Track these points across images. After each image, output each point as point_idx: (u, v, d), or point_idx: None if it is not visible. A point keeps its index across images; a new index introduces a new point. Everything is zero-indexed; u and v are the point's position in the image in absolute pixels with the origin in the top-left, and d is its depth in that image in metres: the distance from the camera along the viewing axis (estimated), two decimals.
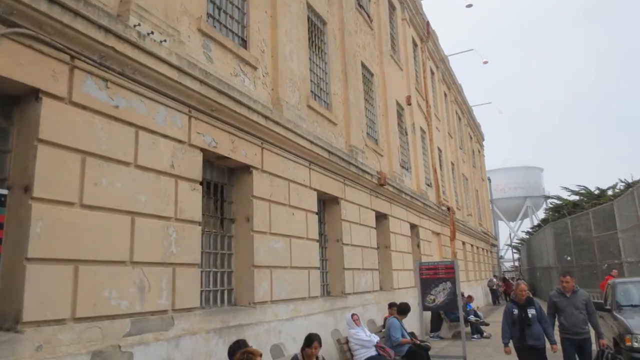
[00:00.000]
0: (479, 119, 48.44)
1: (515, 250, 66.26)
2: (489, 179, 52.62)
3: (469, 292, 22.64)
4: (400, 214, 16.46)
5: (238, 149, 7.86)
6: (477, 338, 16.42)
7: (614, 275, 16.05)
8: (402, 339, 10.49)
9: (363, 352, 9.38)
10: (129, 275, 5.49)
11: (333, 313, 10.48)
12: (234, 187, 8.33)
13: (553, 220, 33.94)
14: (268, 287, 8.21)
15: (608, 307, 10.73)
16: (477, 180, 40.58)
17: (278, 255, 8.63)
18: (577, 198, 38.28)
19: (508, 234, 76.82)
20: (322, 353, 7.30)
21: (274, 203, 8.72)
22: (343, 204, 11.80)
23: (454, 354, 13.05)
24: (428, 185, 21.98)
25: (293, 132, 9.24)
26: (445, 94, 31.71)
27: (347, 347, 9.56)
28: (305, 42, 11.31)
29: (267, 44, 9.51)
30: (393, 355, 9.86)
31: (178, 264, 6.22)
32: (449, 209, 23.72)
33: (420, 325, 13.73)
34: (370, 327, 11.51)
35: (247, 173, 8.22)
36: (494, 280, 34.49)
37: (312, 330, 7.76)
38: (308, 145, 9.82)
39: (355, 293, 11.90)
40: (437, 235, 22.14)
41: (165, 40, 6.28)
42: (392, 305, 11.91)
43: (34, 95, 4.78)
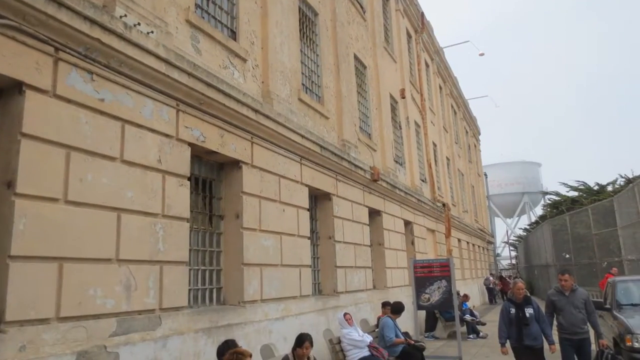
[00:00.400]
0: (475, 113, 48.59)
1: (513, 248, 66.38)
2: (486, 175, 52.86)
3: (465, 290, 22.78)
4: (394, 211, 16.53)
5: (227, 144, 7.89)
6: (473, 338, 16.46)
7: (614, 274, 16.10)
8: (395, 339, 10.51)
9: (356, 352, 9.41)
10: (115, 274, 5.52)
11: (325, 312, 10.54)
12: (223, 182, 8.36)
13: (551, 217, 34.04)
14: (258, 285, 8.25)
15: (608, 306, 10.70)
16: (473, 176, 40.75)
17: (268, 253, 8.67)
18: (576, 194, 38.28)
19: (505, 231, 76.99)
20: (313, 353, 7.34)
21: (264, 199, 8.75)
22: (335, 200, 11.85)
23: (450, 355, 13.12)
24: (423, 181, 22.07)
25: (284, 126, 9.28)
26: (441, 87, 31.80)
27: (339, 347, 9.59)
28: (297, 33, 11.34)
29: (257, 36, 9.54)
30: (386, 356, 9.90)
31: (165, 262, 6.25)
32: (444, 205, 23.81)
33: (415, 325, 13.79)
34: (363, 326, 11.58)
35: (236, 168, 8.26)
36: (491, 279, 34.67)
37: (303, 330, 7.81)
38: (299, 140, 9.86)
39: (348, 292, 11.96)
40: (432, 232, 22.24)
41: (153, 32, 6.30)
42: (385, 304, 11.93)
43: (18, 89, 4.80)
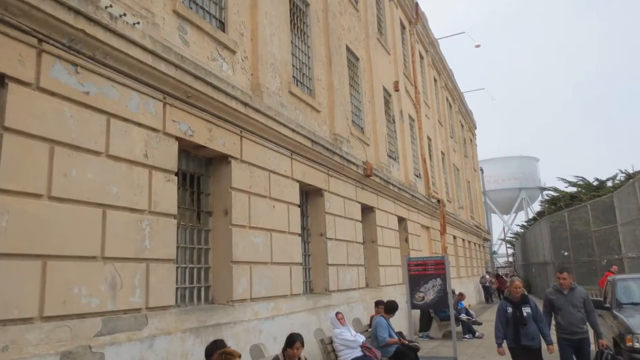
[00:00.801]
0: (471, 106, 48.72)
1: (509, 245, 66.70)
2: (482, 170, 53.01)
3: (461, 289, 22.86)
4: (388, 207, 16.61)
5: (216, 138, 7.92)
6: (468, 338, 16.51)
7: (614, 272, 16.24)
8: (389, 339, 10.56)
9: (348, 352, 9.46)
10: (100, 272, 5.55)
11: (316, 311, 10.59)
12: (212, 178, 8.40)
13: (549, 213, 34.14)
14: (247, 284, 8.29)
15: (607, 305, 10.63)
16: (468, 171, 40.89)
17: (258, 251, 8.72)
18: (574, 190, 38.51)
19: (502, 228, 77.41)
20: (304, 354, 7.39)
21: (254, 195, 8.79)
22: (327, 196, 11.90)
23: (445, 355, 13.20)
24: (417, 176, 22.14)
25: (274, 119, 9.31)
26: (435, 80, 31.87)
27: (331, 347, 9.64)
28: (287, 24, 11.36)
29: (246, 27, 9.55)
30: (380, 356, 9.95)
31: (152, 260, 6.29)
32: (439, 202, 23.92)
33: (409, 325, 13.89)
34: (356, 326, 11.64)
35: (225, 163, 8.29)
36: (487, 277, 34.80)
37: (294, 330, 7.88)
38: (290, 134, 9.89)
39: (340, 290, 12.02)
40: (426, 229, 22.34)
41: (139, 23, 6.32)
42: (378, 303, 12.00)
43: (0, 81, 4.81)
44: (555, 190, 42.45)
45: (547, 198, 45.29)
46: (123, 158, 6.02)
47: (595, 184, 36.83)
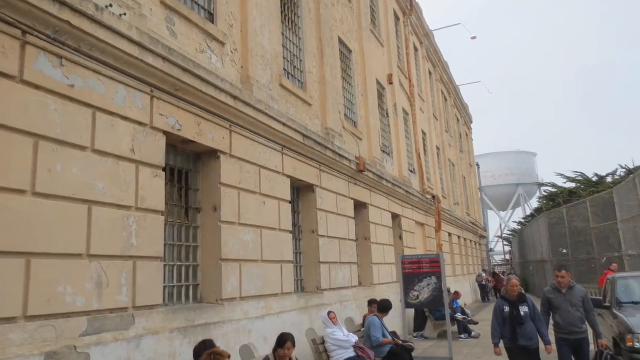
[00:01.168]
0: (467, 100, 48.89)
1: (507, 243, 67.02)
2: (478, 165, 53.16)
3: (456, 288, 22.97)
4: (381, 203, 16.67)
5: (204, 132, 7.94)
6: (464, 338, 16.62)
7: (614, 270, 16.33)
8: (383, 339, 10.63)
9: (340, 353, 9.52)
10: (86, 270, 5.56)
11: (308, 311, 10.64)
12: (200, 173, 8.42)
13: (547, 210, 34.34)
14: (237, 282, 8.32)
15: (607, 304, 10.68)
16: (464, 166, 41.06)
17: (248, 248, 8.75)
18: (573, 185, 38.63)
19: (498, 225, 77.79)
20: (295, 354, 7.45)
21: (244, 191, 8.82)
22: (319, 192, 11.94)
23: (440, 355, 13.29)
24: (411, 172, 22.23)
25: (264, 113, 9.34)
26: (430, 73, 31.97)
27: (323, 347, 9.70)
28: (278, 15, 11.38)
29: (235, 18, 9.56)
30: (373, 357, 9.99)
31: (139, 257, 6.31)
32: (434, 198, 24.00)
33: (403, 324, 13.95)
34: (349, 326, 11.69)
35: (214, 158, 8.31)
36: (483, 275, 34.98)
37: (285, 330, 7.92)
38: (281, 128, 9.92)
39: (332, 289, 12.06)
40: (421, 226, 22.44)
41: (125, 14, 6.32)
42: (372, 303, 12.05)
43: None
44: (554, 186, 42.58)
45: (545, 194, 45.35)
46: (109, 153, 6.03)
47: (595, 180, 36.95)
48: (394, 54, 22.16)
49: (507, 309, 8.41)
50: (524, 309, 8.31)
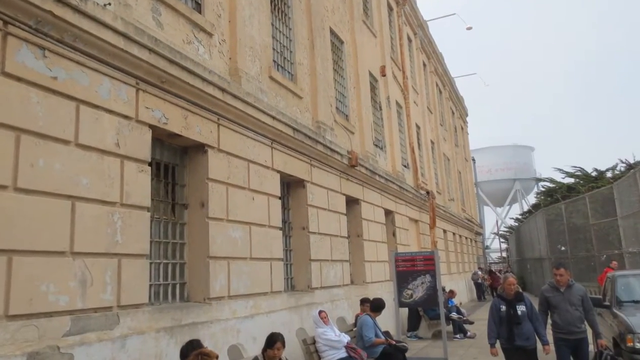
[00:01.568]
0: (463, 92, 48.99)
1: (503, 240, 67.13)
2: (474, 159, 53.32)
3: (451, 286, 23.08)
4: (374, 199, 16.72)
5: (191, 126, 7.96)
6: (460, 338, 16.66)
7: (614, 268, 16.37)
8: (375, 339, 10.64)
9: (332, 353, 9.56)
10: (69, 268, 5.58)
11: (298, 310, 10.68)
12: (187, 168, 8.43)
13: (545, 206, 34.37)
14: (225, 280, 8.35)
15: (607, 303, 10.65)
16: (460, 161, 41.15)
17: (236, 245, 8.78)
18: (572, 181, 38.74)
19: (495, 221, 77.94)
20: (285, 355, 7.48)
21: (232, 186, 8.84)
22: (309, 188, 11.97)
23: (434, 356, 13.36)
24: (405, 167, 22.29)
25: (253, 106, 9.35)
26: (424, 64, 32.02)
27: (314, 348, 9.74)
28: (267, 5, 11.37)
29: (224, 8, 9.57)
30: (365, 357, 10.04)
31: (124, 255, 6.33)
32: (429, 193, 24.06)
33: (396, 324, 13.97)
34: (340, 325, 11.74)
35: (201, 153, 8.33)
36: (479, 273, 35.09)
37: (274, 329, 7.96)
38: (270, 122, 9.94)
39: (323, 287, 12.10)
40: (415, 223, 22.52)
41: (110, 4, 6.33)
42: (364, 301, 12.06)
43: None
44: (552, 181, 42.68)
45: (542, 189, 45.55)
46: (93, 147, 6.05)
47: (594, 175, 37.06)
48: (387, 45, 22.18)
49: (503, 308, 8.43)
50: (521, 308, 8.34)
